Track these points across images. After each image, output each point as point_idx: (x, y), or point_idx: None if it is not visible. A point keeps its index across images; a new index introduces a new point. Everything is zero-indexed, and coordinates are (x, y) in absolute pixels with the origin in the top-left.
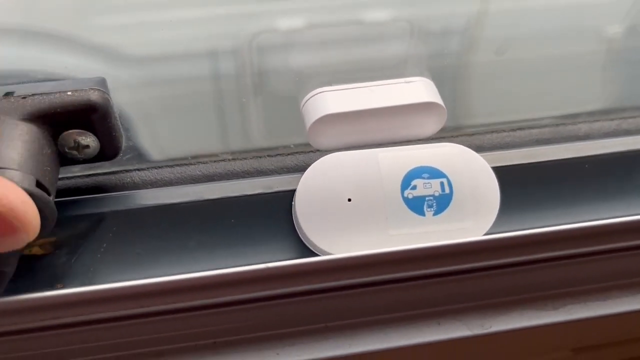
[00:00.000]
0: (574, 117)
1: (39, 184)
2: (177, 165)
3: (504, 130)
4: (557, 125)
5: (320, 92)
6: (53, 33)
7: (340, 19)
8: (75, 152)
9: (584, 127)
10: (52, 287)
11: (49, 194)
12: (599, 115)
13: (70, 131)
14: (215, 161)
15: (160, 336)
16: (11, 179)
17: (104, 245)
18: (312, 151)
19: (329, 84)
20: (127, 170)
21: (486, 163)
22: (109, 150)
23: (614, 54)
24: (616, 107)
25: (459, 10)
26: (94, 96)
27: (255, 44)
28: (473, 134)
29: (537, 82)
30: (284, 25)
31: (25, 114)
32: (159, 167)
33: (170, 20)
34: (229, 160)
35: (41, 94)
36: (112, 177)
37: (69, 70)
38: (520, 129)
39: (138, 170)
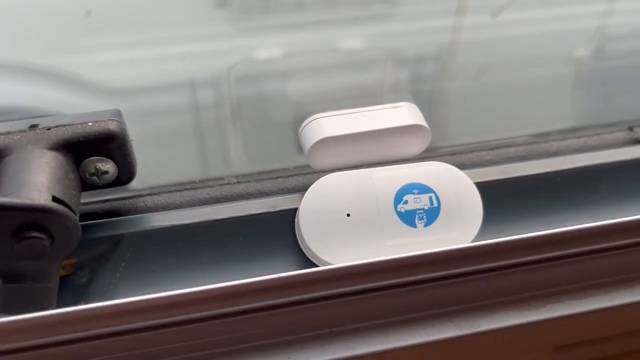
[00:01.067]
0: (545, 136)
1: (59, 200)
2: (186, 189)
3: (483, 149)
4: (531, 143)
5: (316, 118)
6: (38, 68)
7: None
8: (95, 178)
9: (554, 145)
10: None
11: (75, 214)
12: (567, 133)
13: (91, 158)
14: (221, 185)
15: (177, 346)
16: (32, 199)
17: (123, 264)
18: (310, 173)
19: (322, 109)
20: (140, 195)
21: (469, 179)
22: (125, 175)
23: (580, 76)
24: (582, 125)
25: (435, 38)
26: (112, 126)
27: (242, 73)
28: (455, 153)
29: (512, 103)
30: (267, 54)
31: (51, 143)
32: (169, 192)
33: (153, 56)
34: (234, 183)
35: (64, 125)
36: (127, 201)
37: (61, 106)
38: (497, 147)
39: (150, 195)
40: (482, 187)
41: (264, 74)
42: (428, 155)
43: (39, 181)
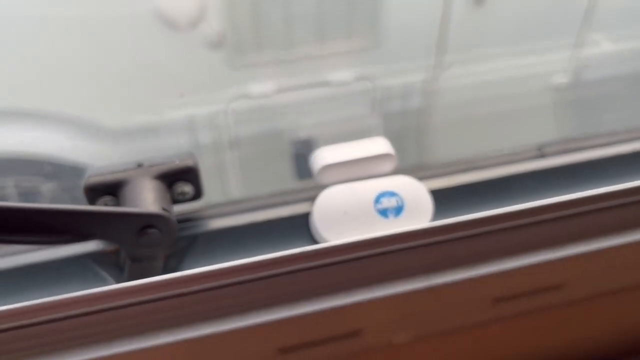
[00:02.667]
0: (484, 155)
1: (165, 210)
2: (236, 203)
3: (435, 167)
4: (469, 161)
5: (322, 150)
6: (39, 114)
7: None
8: (180, 196)
9: (486, 161)
10: None
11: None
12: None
13: (178, 183)
14: (259, 199)
15: (233, 301)
16: (149, 209)
17: (199, 252)
18: (316, 189)
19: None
20: (207, 207)
21: (423, 186)
22: (197, 194)
23: (560, 101)
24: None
25: (417, 72)
26: (191, 162)
27: (239, 109)
28: (415, 170)
29: (466, 131)
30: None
31: (154, 175)
32: (225, 205)
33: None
34: (266, 198)
35: (160, 164)
36: (199, 212)
37: (66, 146)
38: (446, 165)
39: (213, 207)
40: (433, 191)
41: (260, 108)
42: (396, 171)
43: (151, 199)
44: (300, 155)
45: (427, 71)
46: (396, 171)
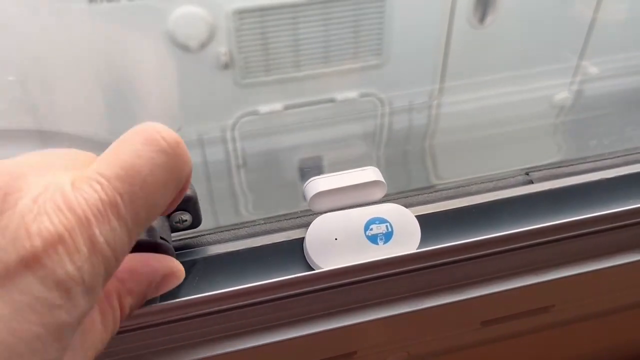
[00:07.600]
0: (469, 182)
1: (163, 239)
2: (232, 229)
3: (423, 193)
4: (457, 187)
5: (314, 179)
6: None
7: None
8: (179, 225)
9: (474, 187)
10: None
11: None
12: (488, 178)
13: (177, 212)
14: (254, 225)
15: (231, 324)
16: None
17: (197, 278)
18: (311, 214)
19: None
20: (204, 234)
21: (411, 213)
22: (196, 222)
23: (562, 120)
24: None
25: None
26: (190, 192)
27: (247, 126)
28: (406, 197)
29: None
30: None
31: None
32: (222, 231)
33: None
34: (262, 224)
35: None
36: (197, 238)
37: None
38: (435, 191)
39: (210, 233)
40: (421, 217)
41: (267, 126)
42: (385, 199)
43: (152, 228)
44: (306, 173)
45: (430, 94)
46: (386, 198)
